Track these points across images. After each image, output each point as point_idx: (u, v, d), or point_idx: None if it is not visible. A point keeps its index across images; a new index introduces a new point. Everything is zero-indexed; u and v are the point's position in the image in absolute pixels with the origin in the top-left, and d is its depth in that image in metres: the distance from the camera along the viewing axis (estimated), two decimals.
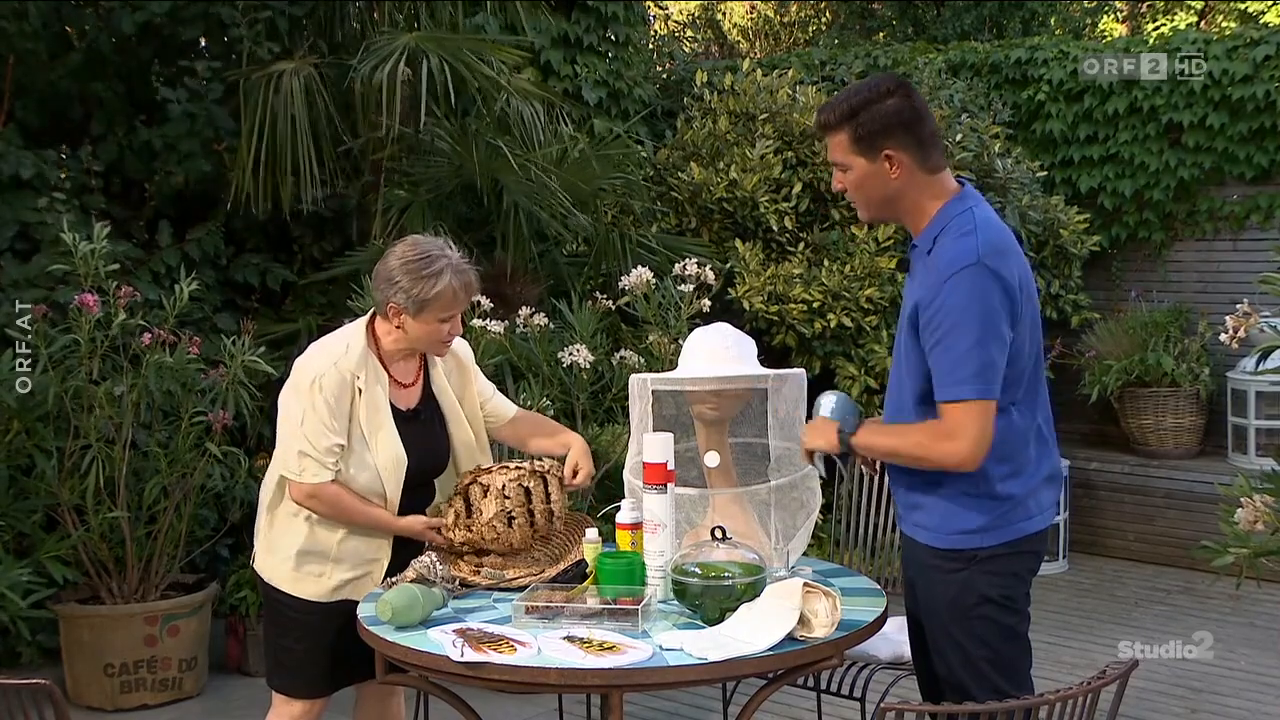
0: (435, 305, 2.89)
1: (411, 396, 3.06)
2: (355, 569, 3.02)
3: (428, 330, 2.94)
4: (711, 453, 3.06)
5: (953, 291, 2.47)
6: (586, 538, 2.96)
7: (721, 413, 3.09)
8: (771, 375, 2.99)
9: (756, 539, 2.92)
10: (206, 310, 5.60)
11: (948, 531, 2.60)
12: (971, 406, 2.47)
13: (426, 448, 3.05)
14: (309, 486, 2.90)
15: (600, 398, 5.20)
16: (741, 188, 6.17)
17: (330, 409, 2.88)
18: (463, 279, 2.91)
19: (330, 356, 2.94)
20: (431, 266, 2.87)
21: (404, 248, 2.92)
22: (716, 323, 3.24)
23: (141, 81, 5.97)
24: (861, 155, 2.60)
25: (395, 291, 2.89)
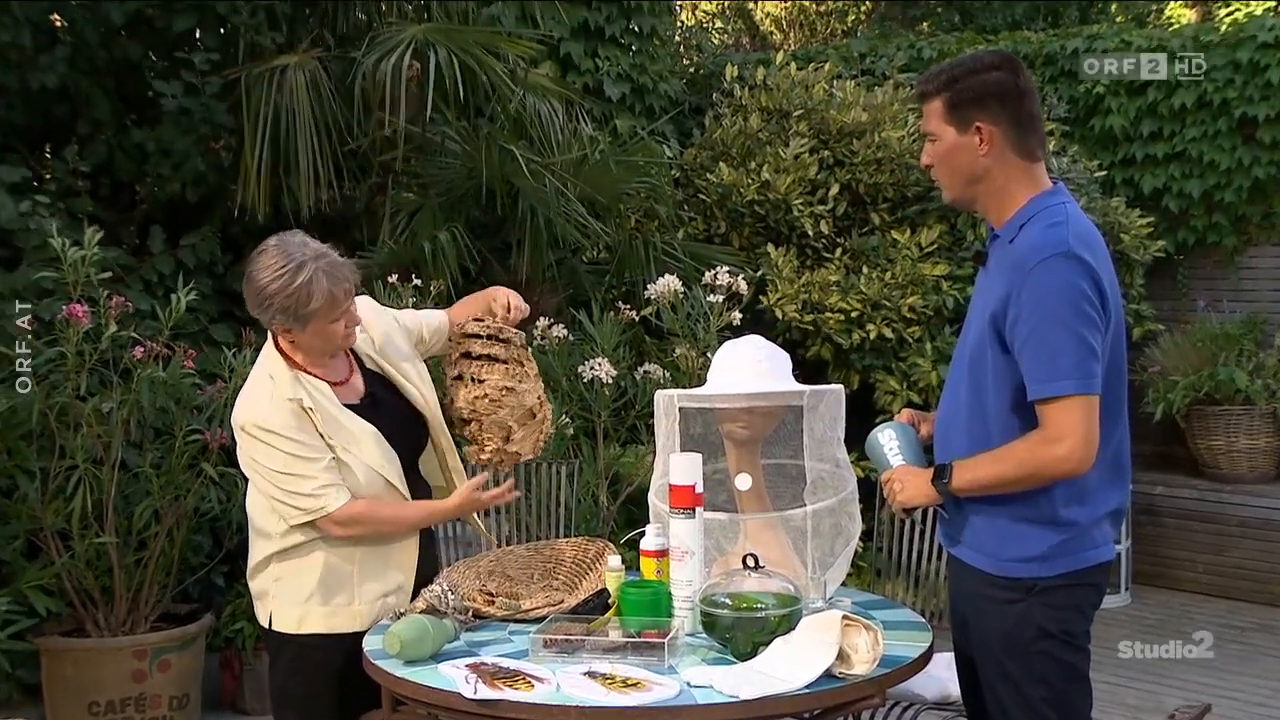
0: (317, 314, 2.92)
1: (356, 385, 3.10)
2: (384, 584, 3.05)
3: (322, 336, 2.96)
4: (743, 475, 3.06)
5: (1040, 281, 2.46)
6: (608, 565, 2.97)
7: (753, 432, 3.10)
8: (807, 391, 2.99)
9: (791, 568, 2.92)
10: (202, 321, 5.63)
11: (1004, 558, 2.58)
12: (1074, 403, 2.44)
13: (397, 424, 3.10)
14: (341, 512, 2.93)
15: (623, 415, 5.21)
16: (774, 190, 6.19)
17: (301, 434, 2.92)
18: (334, 276, 2.90)
19: (262, 395, 2.96)
20: (299, 277, 2.86)
21: (264, 261, 2.89)
22: (748, 335, 3.25)
23: (132, 77, 6.01)
24: (953, 125, 2.61)
25: (271, 314, 2.92)
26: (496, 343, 3.13)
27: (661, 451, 3.04)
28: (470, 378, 3.11)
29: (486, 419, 3.10)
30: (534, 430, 3.16)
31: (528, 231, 5.78)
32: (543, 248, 5.82)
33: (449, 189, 5.96)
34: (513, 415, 3.11)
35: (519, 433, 3.12)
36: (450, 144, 6.09)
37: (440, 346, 3.38)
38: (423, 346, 3.31)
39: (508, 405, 3.10)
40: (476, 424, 3.11)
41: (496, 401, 3.08)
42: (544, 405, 3.18)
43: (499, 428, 3.11)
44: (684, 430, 3.02)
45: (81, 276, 4.46)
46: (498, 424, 3.10)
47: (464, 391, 3.11)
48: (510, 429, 3.12)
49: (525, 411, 3.13)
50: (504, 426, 3.11)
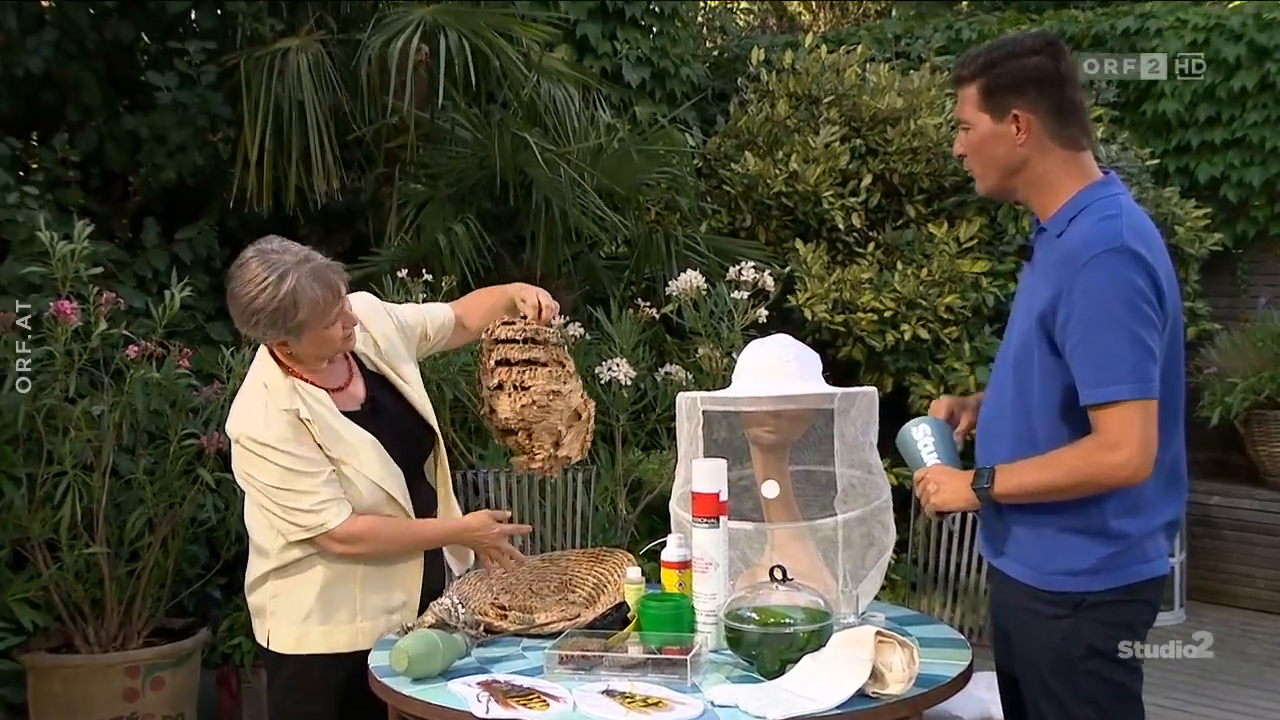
0: (308, 322, 2.92)
1: (356, 391, 3.11)
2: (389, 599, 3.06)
3: (318, 343, 2.97)
4: (770, 482, 3.07)
5: (1093, 278, 2.45)
6: (628, 578, 2.98)
7: (781, 436, 3.11)
8: (838, 394, 3.00)
9: (821, 580, 2.92)
10: (199, 319, 5.66)
11: (1051, 570, 2.58)
12: (1131, 409, 2.42)
13: (401, 431, 3.11)
14: (343, 529, 2.94)
15: (642, 419, 5.22)
16: (803, 181, 6.19)
17: (299, 447, 2.93)
18: (321, 280, 2.90)
19: (255, 406, 2.97)
20: (282, 287, 2.86)
21: (244, 275, 2.89)
22: (775, 334, 3.25)
23: (124, 62, 6.04)
24: (988, 112, 2.62)
25: (261, 330, 2.92)
26: (534, 345, 3.12)
27: (684, 457, 3.05)
28: (513, 385, 3.09)
29: (536, 426, 3.09)
30: (581, 431, 3.16)
31: (542, 224, 5.79)
32: (558, 241, 5.83)
33: (459, 179, 5.98)
34: (561, 419, 3.11)
35: (567, 435, 3.13)
36: (460, 132, 6.11)
37: (445, 344, 3.39)
38: (426, 345, 3.33)
39: (556, 409, 3.09)
40: (525, 433, 3.10)
41: (545, 408, 3.08)
42: (587, 403, 3.18)
43: (549, 434, 3.10)
44: (707, 435, 3.03)
45: (71, 272, 4.48)
46: (548, 430, 3.10)
47: (508, 401, 3.09)
48: (560, 433, 3.12)
49: (571, 413, 3.13)
50: (554, 432, 3.11)
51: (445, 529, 3.14)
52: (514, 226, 6.10)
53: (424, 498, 3.15)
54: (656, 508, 4.80)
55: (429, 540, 3.12)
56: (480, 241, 5.69)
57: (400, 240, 5.82)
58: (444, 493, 3.24)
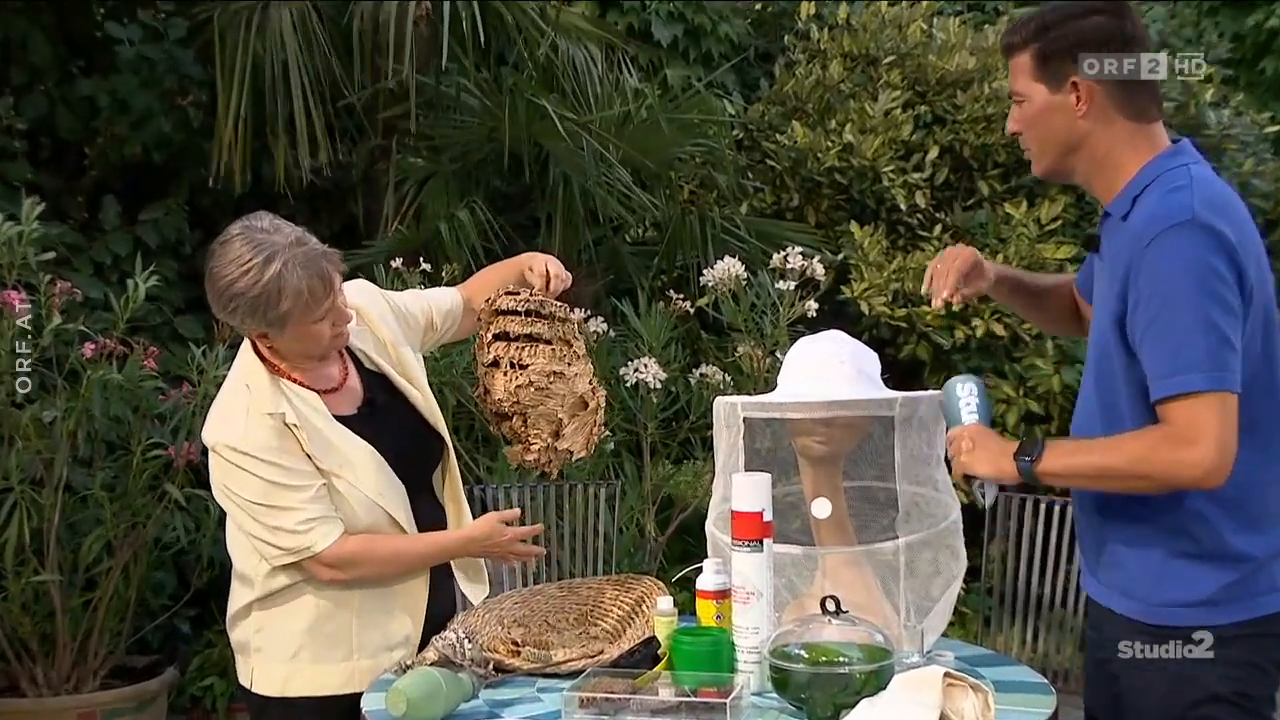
0: (293, 315, 2.91)
1: (353, 392, 3.09)
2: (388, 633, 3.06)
3: (304, 339, 2.95)
4: (820, 500, 3.05)
5: (1159, 257, 2.44)
6: (657, 609, 2.97)
7: (833, 447, 3.09)
8: (899, 399, 2.98)
9: (880, 613, 2.91)
10: (166, 312, 5.68)
11: (1161, 602, 2.55)
12: (1206, 401, 2.40)
13: (404, 439, 3.10)
14: (332, 552, 2.93)
15: (674, 427, 5.22)
16: (859, 154, 6.17)
17: (284, 457, 2.93)
18: (312, 268, 2.88)
19: (236, 409, 2.96)
20: (267, 272, 2.83)
21: (226, 254, 2.87)
22: (827, 331, 3.24)
23: (79, 15, 6.03)
24: (1043, 82, 2.62)
25: (240, 318, 2.90)
26: (538, 319, 3.10)
27: (722, 471, 3.03)
28: (509, 363, 3.07)
29: (532, 411, 3.07)
30: (587, 422, 3.14)
31: (560, 204, 5.79)
32: (578, 224, 5.83)
33: (465, 153, 5.99)
34: (563, 405, 3.09)
35: (570, 426, 3.10)
36: (467, 99, 6.12)
37: (455, 332, 3.38)
38: (432, 335, 3.32)
39: (556, 393, 3.08)
40: (520, 418, 3.08)
41: (543, 390, 3.06)
42: (597, 392, 3.16)
43: (547, 421, 3.09)
44: (749, 445, 3.02)
45: (18, 258, 4.48)
46: (545, 416, 3.08)
47: (503, 380, 3.07)
48: (560, 421, 3.09)
49: (576, 400, 3.11)
50: (553, 419, 3.09)
51: (448, 542, 3.12)
52: (527, 207, 6.11)
53: (431, 518, 3.13)
54: (690, 529, 4.79)
55: (431, 556, 3.09)
56: (488, 224, 5.70)
57: (397, 224, 5.83)
58: (455, 511, 3.22)
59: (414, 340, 3.25)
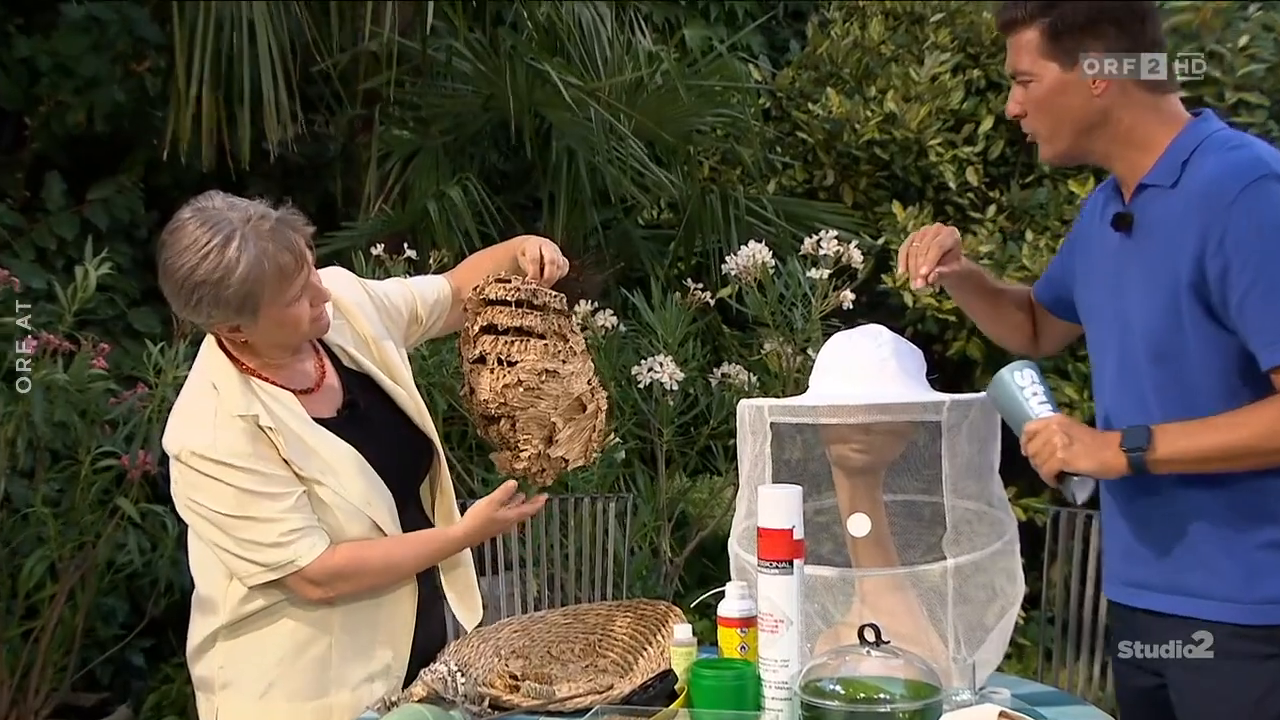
0: (267, 297, 2.90)
1: (331, 393, 3.09)
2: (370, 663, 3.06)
3: (282, 324, 2.94)
4: (858, 516, 3.05)
5: (1250, 212, 2.49)
6: (674, 639, 2.97)
7: (873, 456, 3.09)
8: (947, 402, 2.98)
9: (926, 644, 2.90)
10: (119, 304, 5.68)
11: (1255, 599, 2.59)
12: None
13: (390, 443, 3.11)
14: (318, 566, 2.92)
15: (692, 434, 5.22)
16: (903, 125, 6.17)
17: (259, 462, 2.92)
18: (280, 241, 2.86)
19: (202, 412, 2.94)
20: (228, 252, 2.81)
21: (179, 240, 2.86)
22: (865, 325, 3.24)
23: None
24: (1055, 60, 2.68)
25: (205, 310, 2.88)
26: (530, 310, 3.09)
27: (746, 483, 3.03)
28: (497, 359, 3.06)
29: (521, 414, 3.05)
30: (584, 427, 3.13)
31: (564, 182, 5.80)
32: (584, 205, 5.84)
33: (457, 125, 6.00)
34: (556, 407, 3.08)
35: (565, 430, 3.10)
36: (459, 64, 6.13)
37: (443, 325, 3.38)
38: (417, 329, 3.31)
39: (549, 394, 3.06)
40: (508, 421, 3.07)
41: (534, 390, 3.04)
42: (597, 393, 3.15)
43: (539, 425, 3.07)
44: (777, 454, 3.01)
45: None
46: (537, 420, 3.07)
47: (489, 378, 3.06)
48: (554, 426, 3.09)
49: (573, 402, 3.10)
50: (545, 423, 3.08)
51: (445, 540, 3.10)
52: (527, 186, 6.12)
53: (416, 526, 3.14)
54: (710, 549, 4.80)
55: (427, 558, 3.10)
56: (483, 205, 5.70)
57: (380, 205, 5.83)
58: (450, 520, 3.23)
59: (397, 335, 3.25)
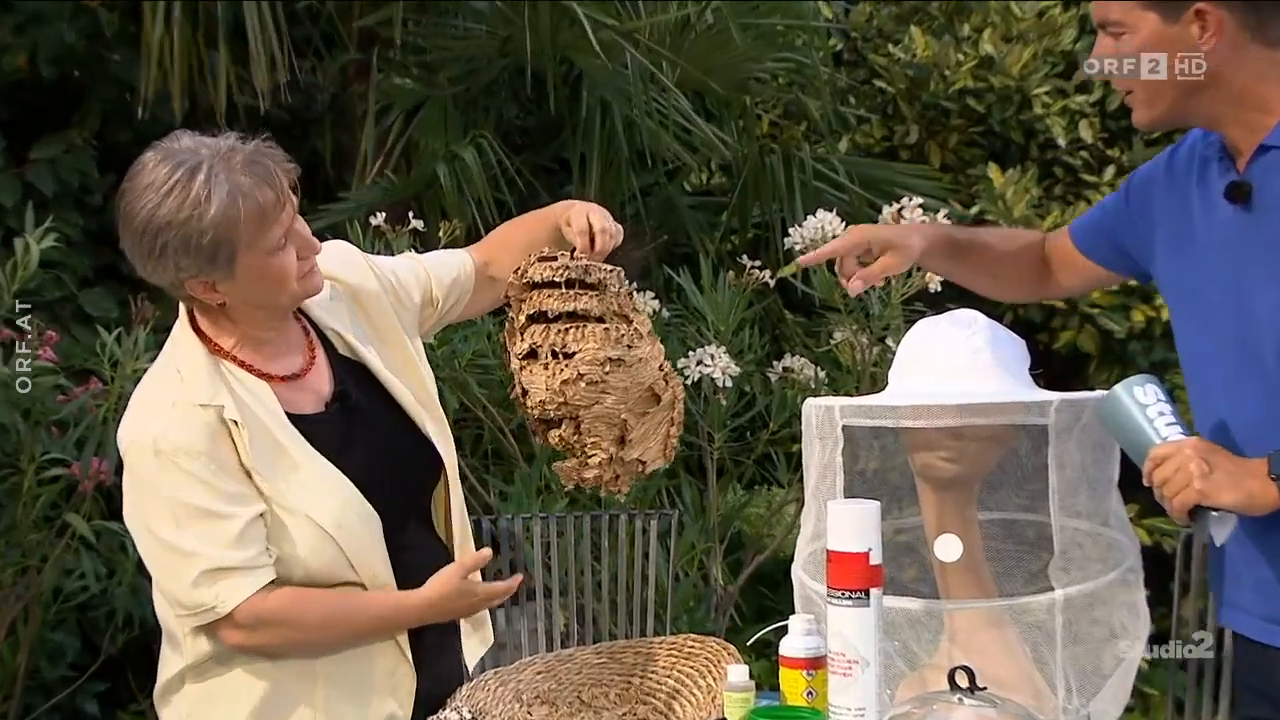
0: (244, 242, 2.87)
1: (318, 385, 3.08)
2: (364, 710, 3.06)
3: (264, 278, 2.92)
4: (947, 537, 3.04)
5: None
6: (728, 682, 2.97)
7: (965, 467, 3.08)
8: (1055, 401, 2.97)
9: (1030, 690, 2.90)
10: (68, 284, 5.70)
11: None
12: None
13: (384, 451, 3.10)
14: (247, 609, 2.91)
15: (748, 439, 5.22)
16: (1002, 72, 6.15)
17: (210, 469, 2.91)
18: (258, 172, 2.86)
19: (161, 400, 2.93)
20: (195, 186, 2.81)
21: (141, 180, 2.86)
22: (956, 310, 3.23)
23: None
24: (1155, 11, 2.66)
25: (171, 260, 2.86)
26: (584, 291, 3.02)
27: (813, 498, 3.03)
28: (550, 352, 3.00)
29: (586, 413, 2.99)
30: (660, 421, 3.07)
31: (596, 141, 5.80)
32: (620, 167, 5.84)
33: (470, 72, 6.00)
34: (625, 401, 3.01)
35: (638, 427, 3.03)
36: (473, 1, 6.12)
37: (465, 308, 3.36)
38: (432, 314, 3.29)
39: (616, 387, 3.00)
40: (570, 424, 3.02)
41: (598, 384, 2.98)
42: (670, 379, 3.08)
43: (607, 424, 3.01)
44: (849, 464, 3.01)
45: None
46: (604, 418, 3.01)
47: (543, 375, 3.00)
48: (624, 423, 3.03)
49: (644, 393, 3.04)
50: (614, 421, 3.02)
51: (405, 606, 3.04)
52: (553, 145, 6.12)
53: (425, 557, 3.10)
54: (770, 575, 4.80)
55: (380, 623, 3.04)
56: (500, 168, 5.70)
57: (379, 167, 5.85)
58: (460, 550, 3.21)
59: (409, 321, 3.24)
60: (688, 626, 4.84)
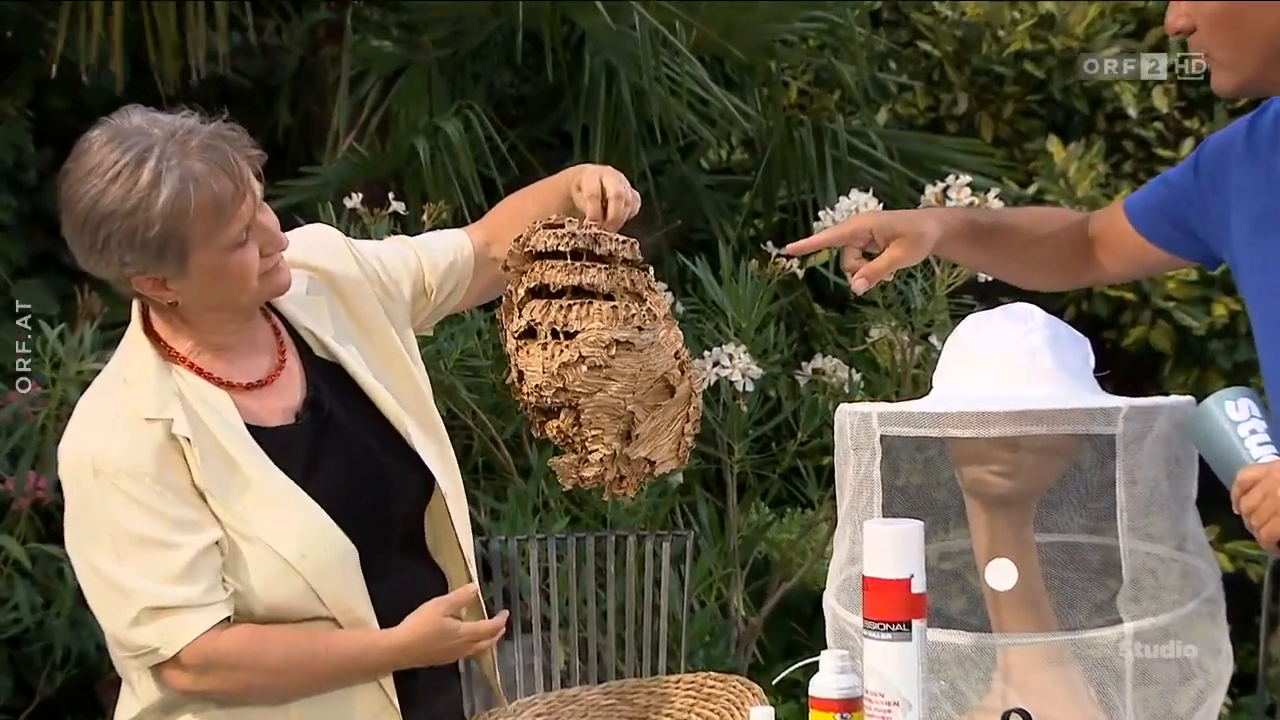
0: (198, 237, 2.86)
1: (288, 392, 3.07)
2: None
3: (225, 276, 2.90)
4: (1001, 562, 3.05)
5: None
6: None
7: (1021, 482, 3.08)
8: (1124, 408, 2.97)
9: None
10: (0, 274, 5.71)
11: None
12: None
13: (362, 469, 3.09)
14: (194, 650, 2.91)
15: (773, 450, 5.22)
16: (1064, 32, 6.15)
17: (157, 494, 2.90)
18: (214, 159, 2.83)
19: (104, 413, 2.92)
20: (143, 174, 2.77)
21: (85, 163, 2.83)
22: (1011, 305, 3.23)
23: None
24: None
25: (115, 257, 2.85)
26: (592, 262, 3.01)
27: (848, 518, 3.03)
28: (551, 331, 2.97)
29: (587, 402, 2.96)
30: (673, 416, 3.04)
31: (601, 113, 5.81)
32: (628, 142, 5.85)
33: (457, 34, 6.02)
34: (633, 391, 2.99)
35: (647, 421, 3.02)
36: None
37: (465, 296, 3.33)
38: (425, 305, 3.27)
39: (623, 373, 2.97)
40: (570, 413, 3.00)
41: (602, 369, 2.96)
42: (687, 369, 3.05)
43: (611, 415, 2.99)
44: (889, 479, 3.01)
45: None
46: (608, 409, 2.98)
47: (541, 357, 2.97)
48: (631, 416, 3.02)
49: (655, 383, 3.02)
50: (620, 413, 2.99)
51: (368, 646, 3.01)
52: (552, 117, 6.13)
53: (409, 591, 3.07)
54: (799, 605, 4.80)
55: (350, 665, 3.02)
56: (492, 144, 5.71)
57: (351, 142, 5.85)
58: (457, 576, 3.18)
59: (398, 314, 3.22)
60: (706, 664, 4.84)
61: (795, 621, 4.96)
